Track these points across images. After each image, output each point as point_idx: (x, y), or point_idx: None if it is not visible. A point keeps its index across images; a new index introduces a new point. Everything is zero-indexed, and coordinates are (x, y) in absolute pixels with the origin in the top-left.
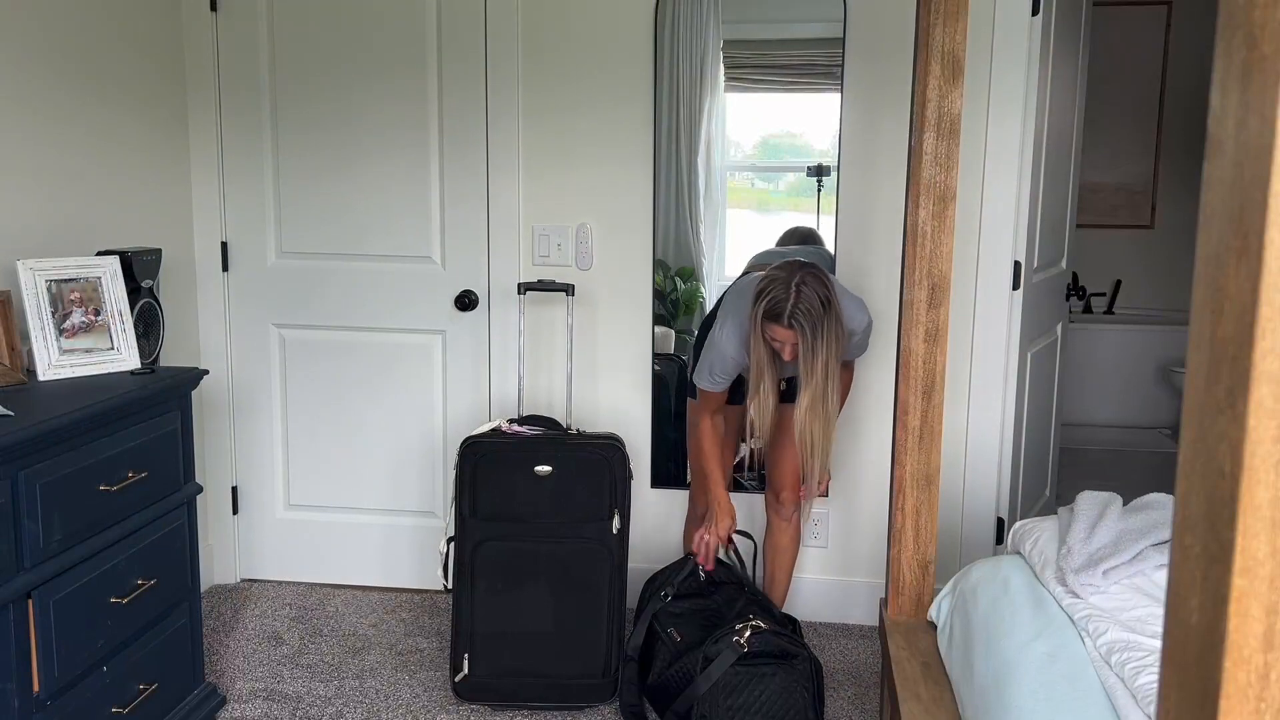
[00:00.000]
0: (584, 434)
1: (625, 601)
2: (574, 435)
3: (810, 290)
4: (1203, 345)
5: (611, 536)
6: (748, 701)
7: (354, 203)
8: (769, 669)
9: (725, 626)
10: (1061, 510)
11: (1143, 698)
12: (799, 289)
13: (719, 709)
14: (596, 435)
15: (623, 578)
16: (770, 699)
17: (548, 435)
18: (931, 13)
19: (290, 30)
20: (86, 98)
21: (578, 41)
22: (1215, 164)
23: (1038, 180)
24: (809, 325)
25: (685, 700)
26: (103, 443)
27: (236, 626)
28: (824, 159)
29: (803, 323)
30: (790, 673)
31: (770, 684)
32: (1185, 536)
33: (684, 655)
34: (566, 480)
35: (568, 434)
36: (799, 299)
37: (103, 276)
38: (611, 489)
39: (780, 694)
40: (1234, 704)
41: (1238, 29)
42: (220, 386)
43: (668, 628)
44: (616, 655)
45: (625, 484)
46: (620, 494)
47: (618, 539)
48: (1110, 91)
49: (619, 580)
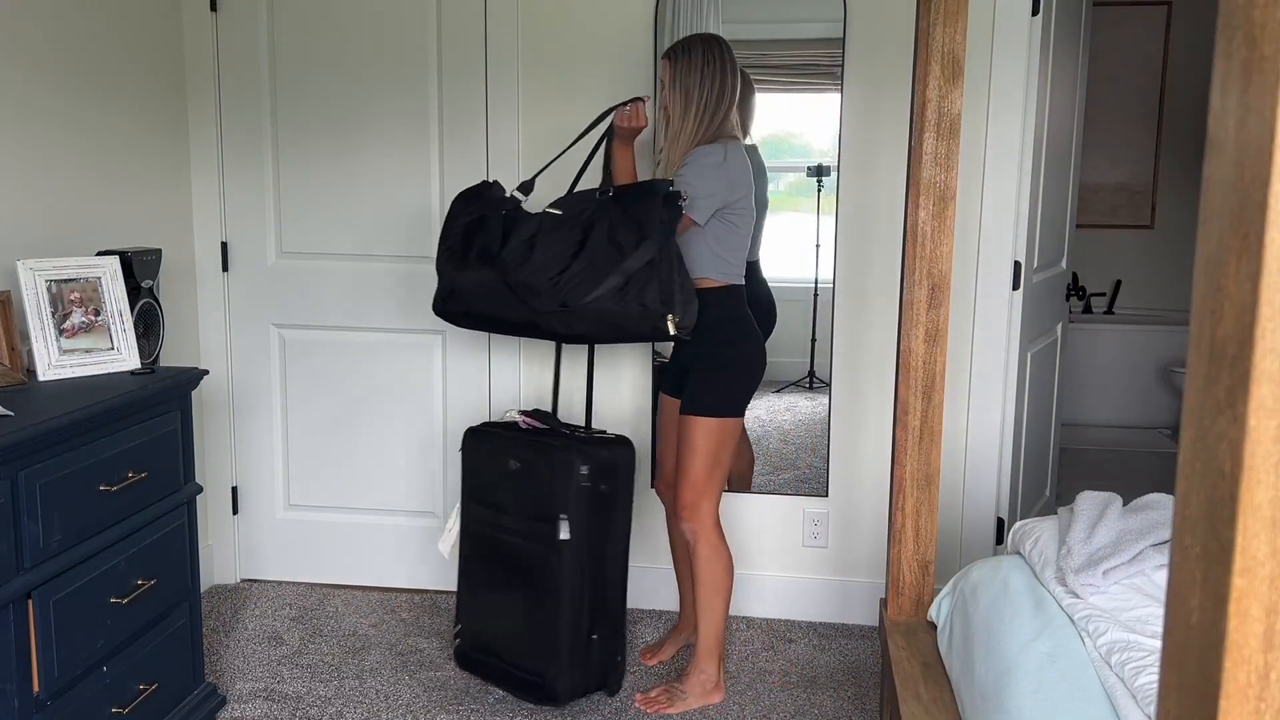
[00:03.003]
0: (582, 433)
1: (599, 611)
2: (564, 434)
3: (693, 39)
4: (1203, 345)
5: (559, 542)
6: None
7: (354, 202)
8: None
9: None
10: (1061, 510)
11: (1143, 698)
12: (689, 38)
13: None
14: (593, 436)
15: (582, 587)
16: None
17: (541, 431)
18: (931, 13)
19: (290, 30)
20: (86, 98)
21: (578, 42)
22: (1215, 164)
23: (1038, 180)
24: (671, 56)
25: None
26: (103, 443)
27: (236, 626)
28: (824, 159)
29: (669, 55)
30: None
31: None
32: (1185, 536)
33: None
34: (525, 477)
35: (559, 432)
36: (680, 40)
37: (103, 277)
38: (565, 494)
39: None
40: (1234, 704)
41: (1238, 29)
42: (220, 386)
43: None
44: (571, 664)
45: (584, 491)
46: (575, 500)
47: (567, 546)
48: (1110, 91)
49: (579, 589)
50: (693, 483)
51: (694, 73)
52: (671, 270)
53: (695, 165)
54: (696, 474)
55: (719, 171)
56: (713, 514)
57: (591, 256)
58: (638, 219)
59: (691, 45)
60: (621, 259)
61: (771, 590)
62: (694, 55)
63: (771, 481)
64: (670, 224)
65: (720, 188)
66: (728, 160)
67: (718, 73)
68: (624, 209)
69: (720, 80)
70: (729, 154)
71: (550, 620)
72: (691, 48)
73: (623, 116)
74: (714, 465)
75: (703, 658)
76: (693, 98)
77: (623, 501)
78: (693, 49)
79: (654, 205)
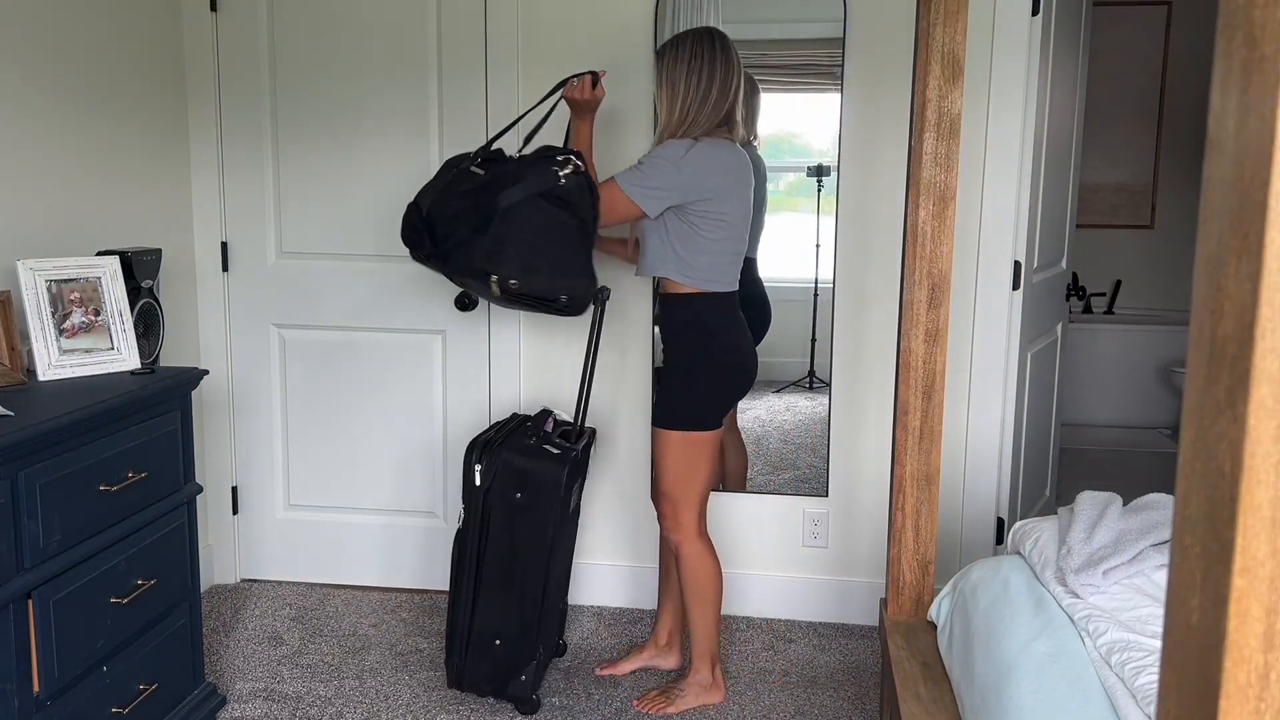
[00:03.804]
0: (540, 436)
1: (504, 618)
2: (519, 434)
3: (685, 33)
4: (1203, 345)
5: (458, 529)
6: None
7: (354, 202)
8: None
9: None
10: (1061, 510)
11: (1143, 698)
12: (683, 32)
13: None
14: (543, 444)
15: (467, 581)
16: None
17: (512, 426)
18: (931, 13)
19: (290, 30)
20: (86, 98)
21: (578, 42)
22: (1215, 164)
23: (1038, 180)
24: (660, 50)
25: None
26: (103, 443)
27: (236, 626)
28: (824, 159)
29: (659, 50)
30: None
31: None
32: (1185, 536)
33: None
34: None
35: (516, 431)
36: (675, 35)
37: (103, 276)
38: (466, 486)
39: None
40: (1234, 704)
41: (1238, 29)
42: (220, 386)
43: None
44: (458, 651)
45: (477, 491)
46: (470, 496)
47: (457, 535)
48: (1110, 91)
49: (463, 580)
50: (668, 495)
51: (680, 65)
52: (523, 232)
53: (653, 155)
54: (669, 487)
55: (673, 167)
56: (694, 523)
57: (476, 206)
58: (520, 175)
59: (681, 39)
60: (483, 208)
61: (771, 590)
62: (682, 49)
63: (771, 481)
64: (550, 190)
65: (674, 184)
66: (688, 157)
67: (706, 65)
68: (526, 165)
69: (709, 74)
70: (693, 152)
71: (450, 611)
72: (681, 41)
73: (570, 89)
74: (689, 478)
75: (696, 659)
76: (678, 91)
77: (541, 515)
78: (681, 43)
79: (544, 168)
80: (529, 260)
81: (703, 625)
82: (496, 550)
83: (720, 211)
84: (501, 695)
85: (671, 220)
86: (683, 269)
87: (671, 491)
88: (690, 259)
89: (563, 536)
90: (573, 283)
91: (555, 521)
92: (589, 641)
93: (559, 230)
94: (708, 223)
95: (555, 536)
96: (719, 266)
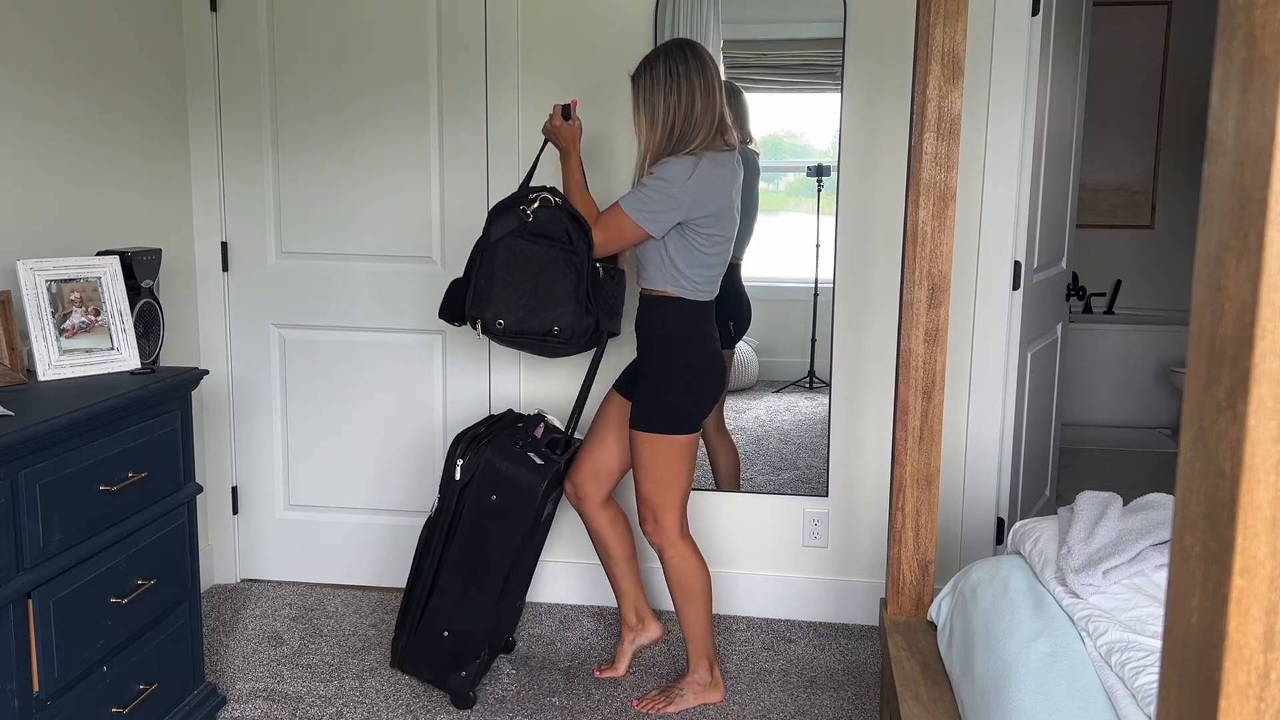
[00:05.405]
0: (529, 440)
1: (455, 612)
2: (505, 435)
3: (655, 52)
4: (1203, 345)
5: (430, 516)
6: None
7: (354, 203)
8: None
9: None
10: (1061, 510)
11: (1143, 698)
12: (652, 52)
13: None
14: (530, 450)
15: (427, 568)
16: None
17: (503, 424)
18: (931, 13)
19: (290, 30)
20: (86, 98)
21: (577, 42)
22: (1215, 164)
23: (1038, 180)
24: (633, 77)
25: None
26: (103, 443)
27: (236, 626)
28: (824, 159)
29: (632, 76)
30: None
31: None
32: (1185, 536)
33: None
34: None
35: (504, 433)
36: (644, 58)
37: (103, 276)
38: (445, 477)
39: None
40: (1234, 704)
41: (1238, 29)
42: (220, 386)
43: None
44: (405, 631)
45: (455, 486)
46: (447, 488)
47: (426, 522)
48: (1110, 91)
49: (422, 565)
50: (647, 499)
51: (656, 87)
52: (495, 273)
53: (656, 177)
54: (648, 491)
55: (679, 188)
56: (676, 526)
57: (470, 262)
58: (490, 223)
59: (653, 60)
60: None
61: (772, 590)
62: (655, 69)
63: (771, 481)
64: (520, 229)
65: (679, 204)
66: (694, 179)
67: (683, 79)
68: (495, 213)
69: (688, 86)
70: (698, 172)
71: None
72: (653, 63)
73: (545, 126)
74: (670, 482)
75: (693, 659)
76: (658, 113)
77: (513, 521)
78: (654, 64)
79: (510, 208)
80: (508, 298)
81: (696, 625)
82: (462, 546)
83: (720, 230)
84: (441, 686)
85: (672, 236)
86: (679, 280)
87: (651, 496)
88: (688, 273)
89: (530, 544)
90: (556, 313)
91: (525, 530)
92: (589, 641)
93: (534, 264)
94: (707, 239)
95: (522, 544)
96: (711, 279)
